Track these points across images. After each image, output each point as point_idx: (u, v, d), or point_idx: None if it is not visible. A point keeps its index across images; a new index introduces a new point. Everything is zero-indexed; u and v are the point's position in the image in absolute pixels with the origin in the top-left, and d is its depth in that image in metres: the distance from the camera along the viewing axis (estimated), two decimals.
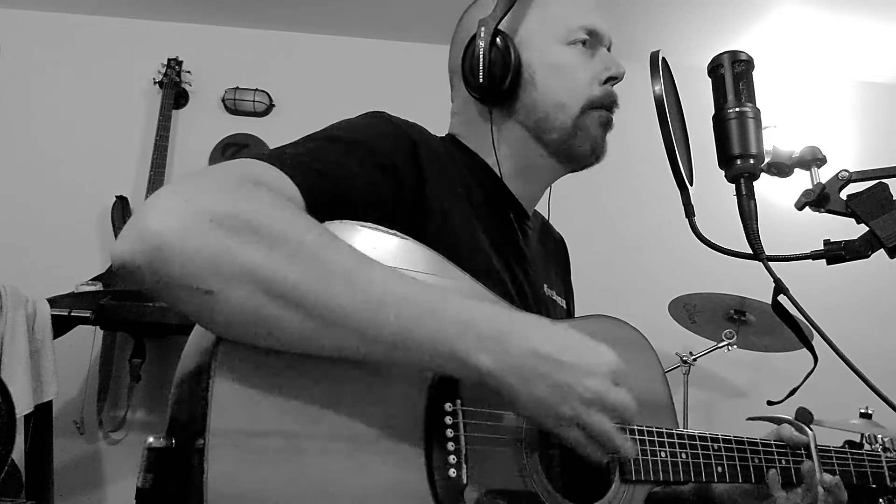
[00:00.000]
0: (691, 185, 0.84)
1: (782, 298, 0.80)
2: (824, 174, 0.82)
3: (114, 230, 2.87)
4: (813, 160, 0.82)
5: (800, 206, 0.82)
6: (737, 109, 0.81)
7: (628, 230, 3.19)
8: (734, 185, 0.81)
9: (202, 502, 0.57)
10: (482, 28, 0.94)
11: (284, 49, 3.29)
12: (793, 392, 0.96)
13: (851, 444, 1.73)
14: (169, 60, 3.12)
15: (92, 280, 2.55)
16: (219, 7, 3.14)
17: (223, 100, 3.16)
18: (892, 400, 0.76)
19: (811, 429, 1.00)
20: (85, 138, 3.07)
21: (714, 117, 0.83)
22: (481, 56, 0.94)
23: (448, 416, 0.72)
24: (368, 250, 0.70)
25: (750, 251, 0.80)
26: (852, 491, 1.01)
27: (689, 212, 0.83)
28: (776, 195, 2.06)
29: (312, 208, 0.70)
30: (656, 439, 0.88)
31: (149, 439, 0.65)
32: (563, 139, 0.97)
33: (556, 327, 0.73)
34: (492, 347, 0.67)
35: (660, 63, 0.81)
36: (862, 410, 1.95)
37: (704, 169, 0.98)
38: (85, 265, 2.74)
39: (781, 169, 0.84)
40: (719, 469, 0.92)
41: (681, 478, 0.89)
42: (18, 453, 1.99)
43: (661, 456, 0.88)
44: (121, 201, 2.90)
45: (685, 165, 0.83)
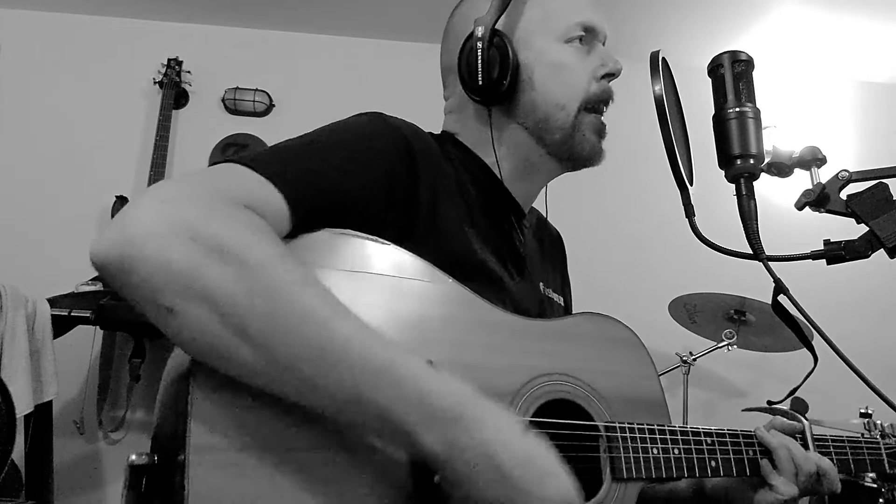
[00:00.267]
0: (691, 185, 0.84)
1: (782, 298, 0.81)
2: (824, 174, 0.82)
3: None
4: (813, 160, 0.83)
5: (800, 206, 0.82)
6: (737, 109, 0.81)
7: (628, 230, 3.19)
8: (734, 185, 0.81)
9: None
10: (479, 27, 0.93)
11: (284, 49, 3.29)
12: (793, 392, 0.96)
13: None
14: (169, 60, 3.12)
15: (92, 280, 2.55)
16: (219, 7, 3.14)
17: (223, 100, 3.16)
18: (892, 400, 0.76)
19: (806, 418, 1.00)
20: (85, 138, 3.07)
21: (714, 117, 0.83)
22: (479, 57, 0.92)
23: None
24: (353, 259, 0.69)
25: (750, 251, 0.80)
26: (852, 491, 1.01)
27: (689, 212, 0.83)
28: (776, 195, 2.06)
29: (297, 216, 0.70)
30: (647, 436, 0.87)
31: (131, 457, 0.65)
32: (564, 140, 0.97)
33: (518, 430, 0.65)
34: (443, 431, 0.61)
35: (660, 63, 0.81)
36: (862, 410, 1.95)
37: (704, 169, 0.97)
38: (85, 265, 2.64)
39: (781, 169, 0.84)
40: (713, 463, 0.92)
41: (673, 474, 0.88)
42: (18, 453, 1.98)
43: (654, 452, 0.87)
44: (121, 201, 2.89)
45: (685, 165, 0.83)
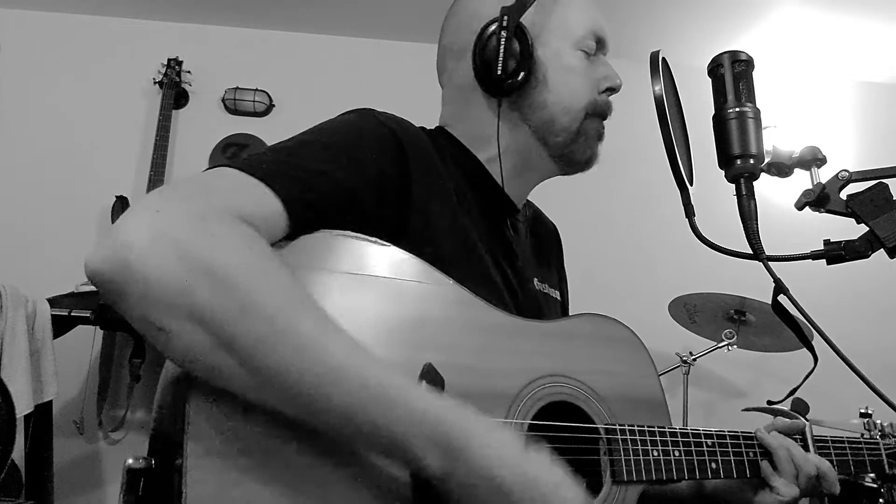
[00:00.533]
0: (691, 185, 0.84)
1: (782, 298, 0.80)
2: (824, 174, 0.82)
3: None
4: (813, 160, 0.83)
5: (800, 206, 0.82)
6: (737, 109, 0.81)
7: (628, 230, 3.19)
8: (734, 185, 0.81)
9: None
10: (505, 17, 0.92)
11: (284, 49, 3.29)
12: (793, 392, 0.96)
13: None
14: (169, 60, 3.12)
15: None
16: (219, 7, 3.14)
17: (223, 100, 3.16)
18: (892, 400, 0.76)
19: (807, 419, 1.00)
20: (85, 138, 3.07)
21: (714, 117, 0.83)
22: (502, 46, 0.91)
23: None
24: (351, 261, 0.69)
25: (750, 251, 0.80)
26: (852, 491, 1.01)
27: (689, 212, 0.83)
28: (776, 195, 2.05)
29: (293, 215, 0.70)
30: (648, 438, 0.87)
31: (128, 461, 0.64)
32: (567, 143, 0.97)
33: (518, 448, 0.64)
34: (441, 453, 0.60)
35: (660, 63, 0.81)
36: (862, 410, 1.95)
37: (704, 169, 0.97)
38: None
39: (781, 169, 0.84)
40: (713, 465, 0.91)
41: (674, 476, 0.88)
42: (18, 453, 1.98)
43: (654, 455, 0.86)
44: (121, 201, 2.89)
45: (685, 165, 0.83)
